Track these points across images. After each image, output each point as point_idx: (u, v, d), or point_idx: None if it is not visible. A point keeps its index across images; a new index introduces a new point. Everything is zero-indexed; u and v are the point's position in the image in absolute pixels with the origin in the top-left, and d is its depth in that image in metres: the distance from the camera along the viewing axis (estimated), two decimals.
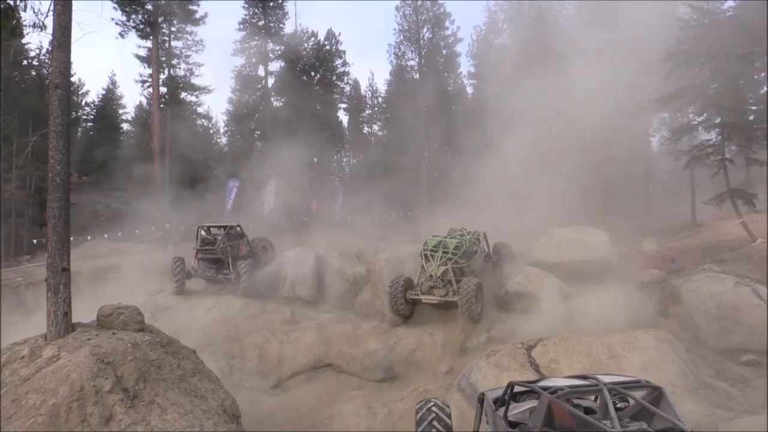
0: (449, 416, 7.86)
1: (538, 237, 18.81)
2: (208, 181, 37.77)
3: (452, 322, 15.42)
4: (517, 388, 6.32)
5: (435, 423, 7.66)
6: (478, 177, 27.95)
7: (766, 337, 12.73)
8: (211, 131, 50.73)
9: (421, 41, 46.80)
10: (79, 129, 48.66)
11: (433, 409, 7.84)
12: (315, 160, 41.57)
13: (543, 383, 5.92)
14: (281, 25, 45.49)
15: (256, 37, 44.49)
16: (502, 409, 6.19)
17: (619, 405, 5.42)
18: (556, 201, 21.78)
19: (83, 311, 7.98)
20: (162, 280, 19.27)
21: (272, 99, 45.86)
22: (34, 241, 29.93)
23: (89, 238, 32.03)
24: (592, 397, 6.05)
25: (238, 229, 19.31)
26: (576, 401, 5.69)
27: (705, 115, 22.49)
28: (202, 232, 18.96)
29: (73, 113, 45.08)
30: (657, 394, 5.39)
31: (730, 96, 21.06)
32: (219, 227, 19.38)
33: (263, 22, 44.15)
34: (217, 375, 7.97)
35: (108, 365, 5.94)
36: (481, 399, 7.26)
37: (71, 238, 6.97)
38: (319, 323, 14.97)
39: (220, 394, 7.19)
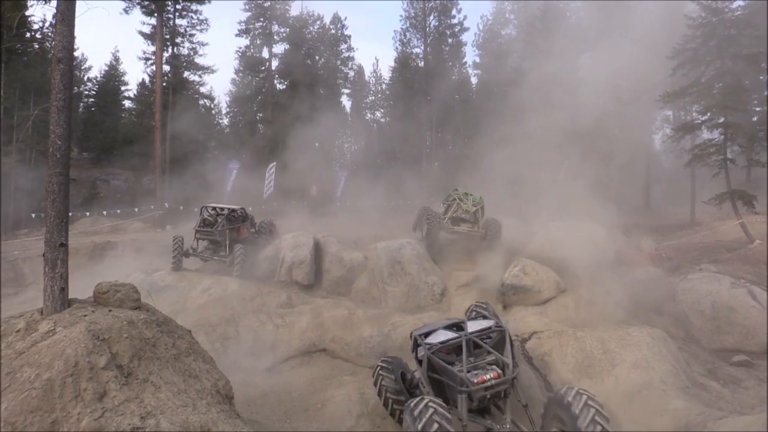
0: (393, 367, 9.96)
1: (536, 228, 18.81)
2: (209, 162, 37.69)
3: (448, 312, 15.47)
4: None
5: (382, 373, 9.85)
6: (480, 166, 27.91)
7: (763, 338, 12.82)
8: (213, 112, 50.55)
9: (427, 29, 46.51)
10: (81, 104, 48.49)
11: (380, 363, 10.15)
12: (317, 144, 41.45)
13: (424, 330, 9.45)
14: (287, 7, 45.24)
15: (262, 19, 44.23)
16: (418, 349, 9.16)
17: (486, 342, 8.66)
18: (556, 193, 21.75)
19: (80, 287, 7.98)
20: (159, 258, 19.28)
21: (276, 82, 45.65)
22: (33, 215, 29.92)
23: (88, 214, 32.06)
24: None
25: (241, 212, 19.24)
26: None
27: (708, 114, 22.41)
28: (205, 212, 18.90)
29: (75, 88, 44.84)
30: (504, 335, 8.75)
31: (734, 96, 21.01)
32: (223, 208, 19.29)
33: (269, 3, 43.85)
34: (212, 356, 7.96)
35: (103, 342, 5.93)
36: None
37: (70, 214, 6.95)
38: (314, 308, 14.96)
39: (214, 375, 7.20)
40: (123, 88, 50.62)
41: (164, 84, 35.96)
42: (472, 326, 9.10)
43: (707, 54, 21.94)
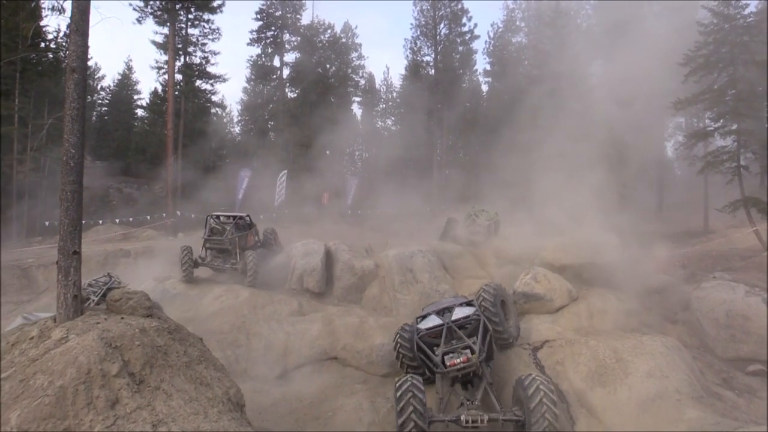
0: (410, 332, 11.59)
1: (548, 236, 18.72)
2: (220, 170, 37.88)
3: None
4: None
5: (401, 335, 11.86)
6: (491, 173, 27.86)
7: None
8: (224, 120, 50.85)
9: (438, 37, 46.58)
10: (94, 113, 48.96)
11: (402, 328, 12.15)
12: (328, 152, 41.57)
13: (431, 309, 11.44)
14: (298, 16, 45.54)
15: (273, 28, 44.54)
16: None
17: (466, 326, 10.27)
18: (569, 200, 21.65)
19: None
20: (171, 266, 19.34)
21: (287, 90, 45.91)
22: (47, 223, 30.18)
23: (101, 222, 32.29)
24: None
25: (247, 219, 19.24)
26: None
27: (721, 121, 22.23)
28: (211, 222, 18.88)
29: (89, 97, 45.29)
30: (479, 323, 10.26)
31: (747, 103, 20.84)
32: (228, 216, 19.31)
33: (280, 12, 44.16)
34: (223, 363, 7.97)
35: (115, 349, 5.95)
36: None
37: (83, 222, 6.98)
38: (325, 316, 14.95)
39: (225, 383, 7.19)
40: (136, 96, 51.12)
41: (176, 93, 36.25)
42: (458, 313, 10.67)
43: (719, 60, 21.78)
